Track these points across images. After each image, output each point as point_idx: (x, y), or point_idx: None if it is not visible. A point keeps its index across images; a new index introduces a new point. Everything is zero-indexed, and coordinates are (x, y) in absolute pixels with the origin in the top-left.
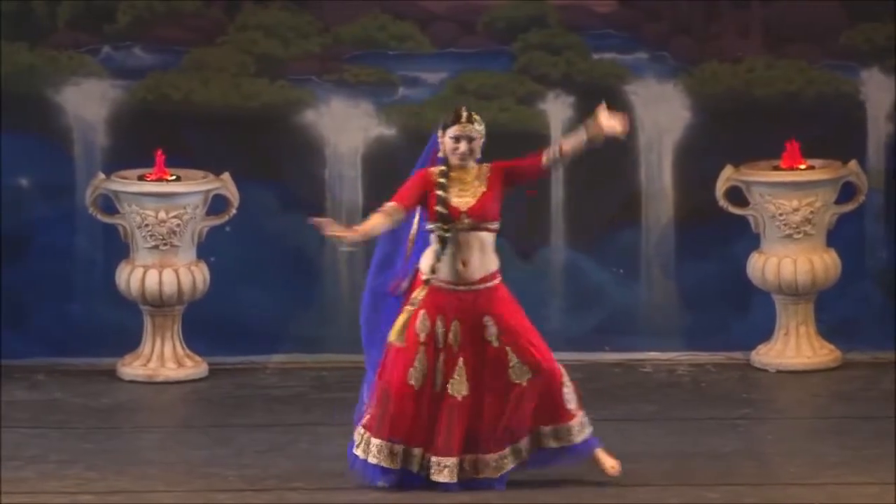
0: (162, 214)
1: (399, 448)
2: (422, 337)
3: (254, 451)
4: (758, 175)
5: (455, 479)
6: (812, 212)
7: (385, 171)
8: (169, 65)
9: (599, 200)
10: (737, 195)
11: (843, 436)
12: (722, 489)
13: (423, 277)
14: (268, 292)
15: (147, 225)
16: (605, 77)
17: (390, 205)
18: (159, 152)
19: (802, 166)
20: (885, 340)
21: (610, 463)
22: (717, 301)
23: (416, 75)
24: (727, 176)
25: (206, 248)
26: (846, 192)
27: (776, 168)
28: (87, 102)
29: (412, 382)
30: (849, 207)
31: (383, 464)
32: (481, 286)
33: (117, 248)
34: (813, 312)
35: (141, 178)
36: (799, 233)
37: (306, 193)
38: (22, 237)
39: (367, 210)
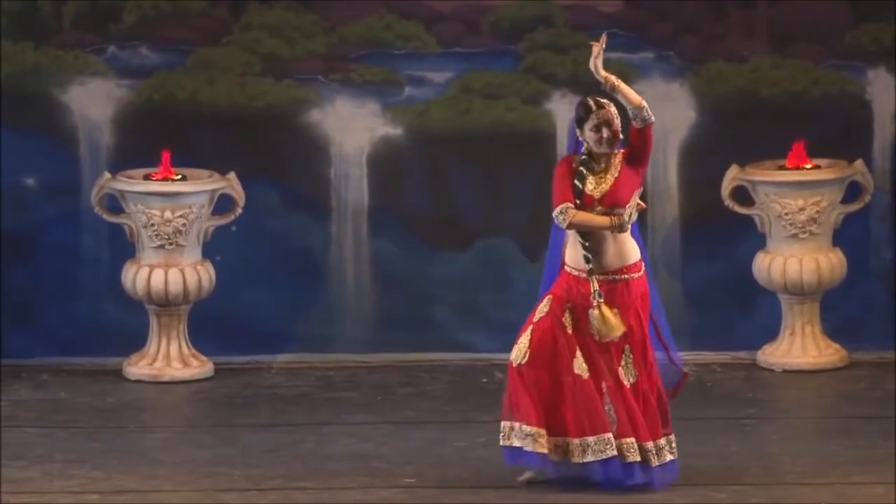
0: (168, 214)
1: (527, 429)
2: (536, 318)
3: (260, 451)
4: (763, 175)
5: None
6: (818, 211)
7: (390, 171)
8: (174, 64)
9: None
10: (742, 195)
11: (848, 435)
12: (728, 489)
13: (567, 269)
14: (273, 292)
15: (153, 224)
16: None
17: (566, 206)
18: (165, 152)
19: (808, 166)
20: (891, 340)
21: None
22: (722, 301)
23: (421, 75)
24: (733, 175)
25: (212, 248)
26: (852, 191)
27: (782, 168)
28: (93, 102)
29: (512, 357)
30: (854, 207)
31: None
32: (618, 277)
33: (123, 247)
34: (818, 312)
35: (146, 177)
36: (805, 232)
37: (312, 193)
38: (27, 236)
39: (373, 210)
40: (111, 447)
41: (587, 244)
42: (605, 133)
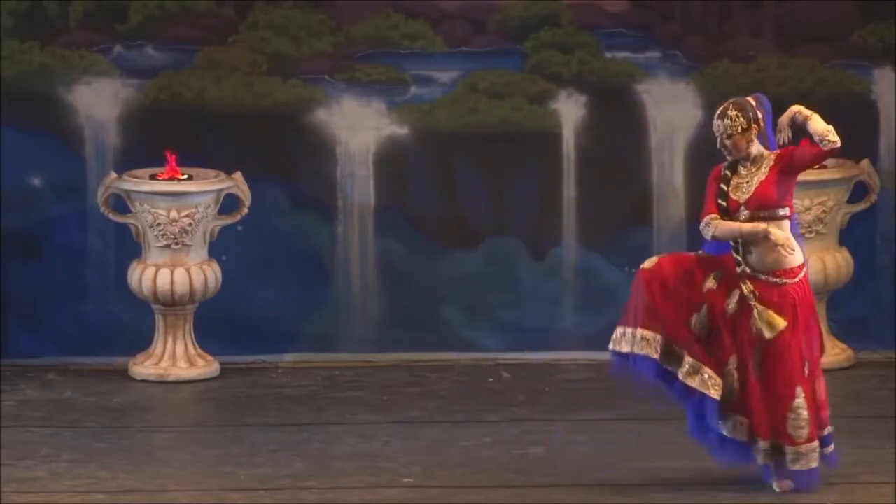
0: (174, 213)
1: (655, 337)
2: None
3: (266, 451)
4: None
5: (718, 396)
6: (824, 211)
7: (396, 171)
8: (181, 64)
9: (611, 200)
10: None
11: (855, 435)
12: (735, 488)
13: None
14: (280, 291)
15: (159, 224)
16: (617, 76)
17: (710, 218)
18: (171, 151)
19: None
20: None
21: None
22: None
23: (428, 74)
24: None
25: (218, 248)
26: (858, 191)
27: None
28: (99, 102)
29: (670, 283)
30: (861, 207)
31: (644, 352)
32: (771, 279)
33: (129, 247)
34: (825, 312)
35: (153, 177)
36: (811, 232)
37: (318, 192)
38: (33, 236)
39: (379, 209)
40: (117, 447)
41: (738, 244)
42: (726, 143)
